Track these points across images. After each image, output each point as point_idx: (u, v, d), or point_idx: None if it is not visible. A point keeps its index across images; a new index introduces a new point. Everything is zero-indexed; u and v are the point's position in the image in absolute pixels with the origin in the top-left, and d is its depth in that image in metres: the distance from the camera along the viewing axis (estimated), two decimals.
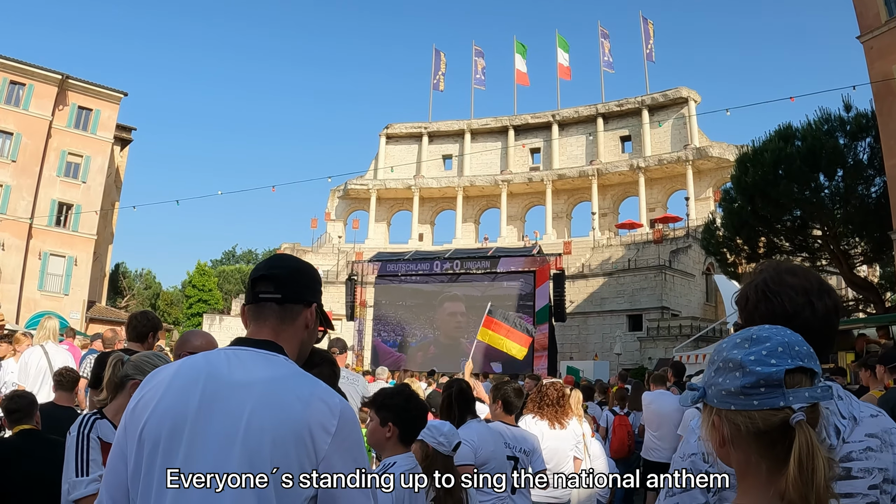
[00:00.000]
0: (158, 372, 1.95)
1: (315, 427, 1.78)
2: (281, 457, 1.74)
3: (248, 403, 1.78)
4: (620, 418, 11.13)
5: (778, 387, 1.35)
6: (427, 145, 64.22)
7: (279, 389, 1.82)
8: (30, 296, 40.30)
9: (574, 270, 45.73)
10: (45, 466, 4.30)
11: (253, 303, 2.04)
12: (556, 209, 59.49)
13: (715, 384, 1.44)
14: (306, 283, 2.12)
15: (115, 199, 49.55)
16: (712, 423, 1.45)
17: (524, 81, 64.09)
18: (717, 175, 51.90)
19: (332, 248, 59.47)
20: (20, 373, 8.03)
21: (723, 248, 28.21)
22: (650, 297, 42.11)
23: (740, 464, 1.42)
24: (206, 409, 1.79)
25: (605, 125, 58.28)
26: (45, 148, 41.37)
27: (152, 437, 1.79)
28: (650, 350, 37.75)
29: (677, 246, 46.81)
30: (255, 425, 1.76)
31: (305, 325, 2.08)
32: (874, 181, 23.63)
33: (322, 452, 1.77)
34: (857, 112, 23.52)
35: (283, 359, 1.93)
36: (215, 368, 1.86)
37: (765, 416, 1.35)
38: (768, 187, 23.52)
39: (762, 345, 1.40)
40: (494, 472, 5.02)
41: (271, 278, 2.04)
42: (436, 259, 35.33)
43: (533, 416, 6.61)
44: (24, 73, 40.83)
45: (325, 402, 1.83)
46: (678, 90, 55.36)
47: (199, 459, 1.74)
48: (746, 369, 1.38)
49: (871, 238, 24.13)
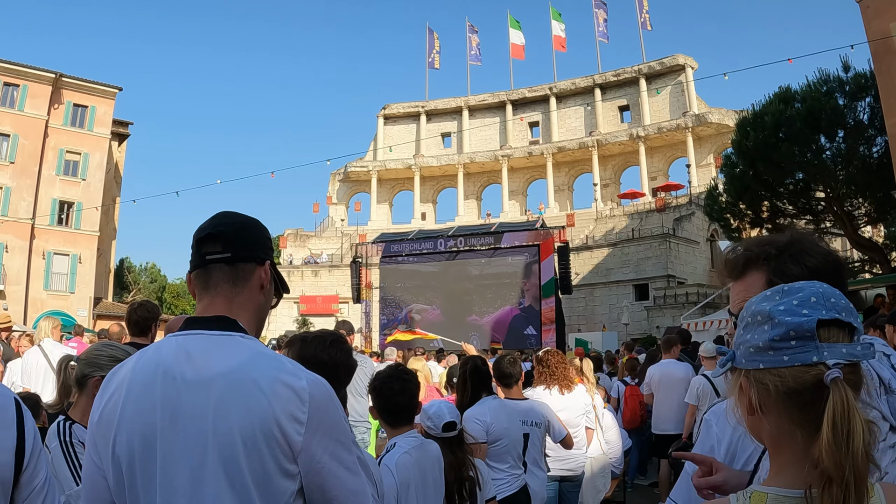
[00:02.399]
0: (115, 373, 1.83)
1: (283, 419, 1.65)
2: (255, 458, 1.64)
3: (210, 405, 1.66)
4: (632, 388, 11.06)
5: (810, 339, 1.20)
6: (425, 124, 63.99)
7: (238, 383, 1.68)
8: (36, 296, 40.38)
9: (578, 242, 45.71)
10: None
11: (200, 266, 1.88)
12: (557, 182, 59.31)
13: (743, 342, 1.29)
14: (256, 240, 1.94)
15: (115, 194, 49.51)
16: (740, 387, 1.31)
17: (520, 55, 63.75)
18: (718, 141, 51.68)
19: (336, 231, 59.52)
20: (23, 375, 8.05)
21: (726, 213, 28.09)
22: (655, 265, 42.09)
23: (773, 434, 1.28)
24: (169, 417, 1.68)
25: (602, 96, 58.02)
26: (43, 147, 41.30)
27: (126, 455, 1.70)
28: (658, 319, 37.80)
29: (680, 213, 46.72)
30: (221, 429, 1.65)
31: (261, 285, 1.91)
32: (875, 141, 23.48)
33: (298, 444, 1.66)
34: (856, 72, 23.33)
35: (240, 338, 1.78)
36: (169, 367, 1.72)
37: (796, 373, 1.21)
38: (770, 151, 23.39)
39: (794, 295, 1.27)
40: (508, 448, 5.02)
41: (218, 236, 1.87)
42: (439, 237, 35.21)
43: (544, 388, 6.58)
44: (17, 73, 40.71)
45: (290, 387, 1.68)
46: (675, 58, 55.04)
47: (176, 473, 1.65)
48: (775, 320, 1.24)
49: (875, 198, 24.00)
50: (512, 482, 5.05)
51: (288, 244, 58.08)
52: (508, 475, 5.02)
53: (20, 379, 8.09)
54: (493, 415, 4.94)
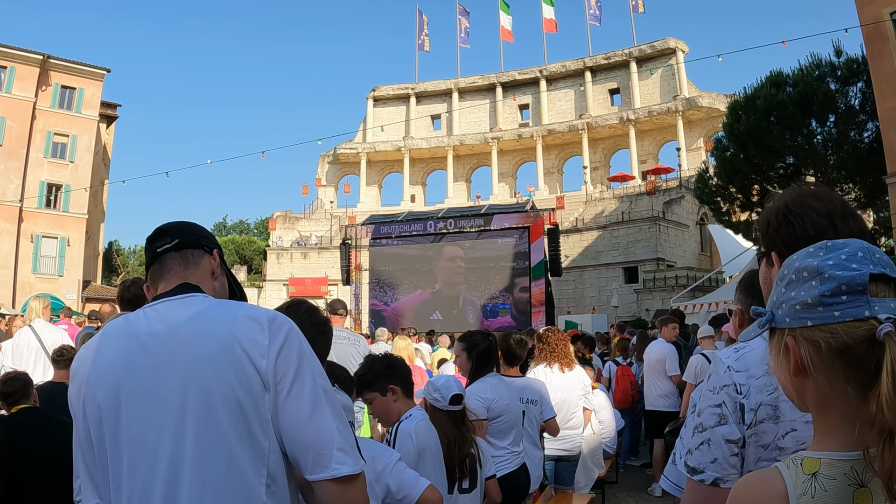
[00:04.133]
0: (88, 344, 1.88)
1: (246, 343, 1.69)
2: (224, 384, 1.67)
3: (176, 348, 1.71)
4: (623, 369, 11.19)
5: (862, 293, 1.16)
6: (415, 106, 63.65)
7: (202, 322, 1.75)
8: (24, 279, 40.17)
9: (568, 225, 45.77)
10: (48, 440, 4.44)
11: (154, 261, 1.97)
12: (547, 164, 59.32)
13: (787, 300, 1.25)
14: (201, 232, 2.06)
15: (104, 177, 49.19)
16: (785, 346, 1.25)
17: (509, 38, 63.68)
18: (708, 125, 51.78)
19: (325, 213, 59.29)
20: (13, 355, 8.01)
21: (716, 196, 28.20)
22: (645, 248, 42.15)
23: (820, 394, 1.23)
24: (133, 368, 1.72)
25: (593, 78, 57.92)
26: (31, 130, 40.99)
27: (94, 415, 1.73)
28: (647, 301, 37.89)
29: (670, 197, 46.76)
30: (186, 363, 1.69)
31: (211, 271, 2.00)
32: (866, 126, 23.58)
33: (264, 368, 1.69)
34: (848, 57, 23.39)
35: (202, 296, 1.86)
36: (135, 327, 1.79)
37: (847, 328, 1.16)
38: (761, 134, 23.47)
39: (840, 250, 1.23)
40: (510, 425, 5.00)
41: (166, 231, 1.99)
42: (429, 219, 35.18)
43: (544, 365, 6.57)
44: (4, 55, 40.31)
45: (251, 317, 1.74)
46: (666, 41, 54.98)
47: (140, 419, 1.68)
48: (825, 275, 1.19)
49: (865, 183, 24.11)
50: (512, 460, 5.04)
51: (277, 226, 57.90)
52: (508, 452, 5.01)
53: (10, 360, 8.05)
54: (494, 391, 4.92)
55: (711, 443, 1.81)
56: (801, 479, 1.17)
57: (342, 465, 1.70)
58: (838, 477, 1.15)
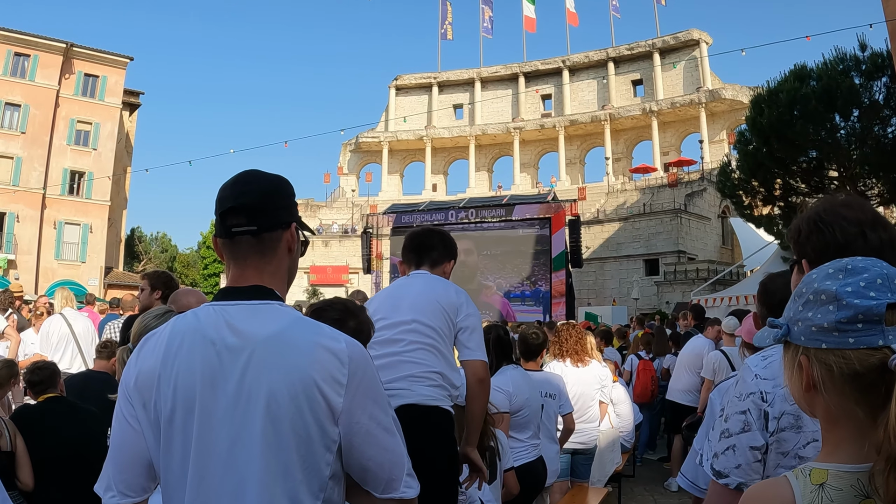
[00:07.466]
0: (149, 338, 1.83)
1: (324, 381, 1.69)
2: (298, 419, 1.67)
3: (251, 370, 1.69)
4: (645, 363, 11.12)
5: (877, 323, 1.18)
6: (437, 95, 63.56)
7: (279, 347, 1.71)
8: (47, 265, 40.59)
9: (589, 216, 45.62)
10: (72, 429, 4.62)
11: (226, 237, 1.84)
12: (569, 155, 59.10)
13: (803, 319, 1.27)
14: (279, 203, 1.89)
15: (126, 164, 49.51)
16: (798, 363, 1.28)
17: (532, 28, 63.38)
18: (731, 117, 51.40)
19: (346, 201, 59.41)
20: (41, 342, 8.10)
21: (738, 190, 27.94)
22: (666, 241, 41.97)
23: (829, 411, 1.26)
24: (209, 381, 1.70)
25: (616, 69, 57.60)
26: (54, 117, 41.39)
27: (166, 417, 1.72)
28: (667, 294, 37.76)
29: (692, 189, 46.50)
30: (263, 392, 1.68)
31: (289, 248, 1.91)
32: (890, 121, 23.28)
33: (338, 406, 1.70)
34: (873, 51, 23.11)
35: (277, 306, 1.80)
36: (208, 332, 1.74)
37: (861, 355, 1.18)
38: (784, 128, 23.23)
39: (859, 276, 1.23)
40: (529, 419, 5.02)
41: (241, 209, 1.81)
42: (450, 209, 35.14)
43: (557, 359, 6.59)
44: (28, 44, 40.71)
45: (329, 350, 1.72)
46: (689, 32, 54.56)
47: (213, 437, 1.68)
48: (843, 302, 1.21)
49: (889, 179, 23.85)
50: (530, 451, 5.07)
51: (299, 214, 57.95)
52: (528, 444, 5.04)
53: (38, 347, 8.15)
54: (515, 385, 4.95)
55: (736, 449, 1.86)
56: (809, 489, 1.20)
57: (410, 488, 1.81)
58: (845, 488, 1.18)
